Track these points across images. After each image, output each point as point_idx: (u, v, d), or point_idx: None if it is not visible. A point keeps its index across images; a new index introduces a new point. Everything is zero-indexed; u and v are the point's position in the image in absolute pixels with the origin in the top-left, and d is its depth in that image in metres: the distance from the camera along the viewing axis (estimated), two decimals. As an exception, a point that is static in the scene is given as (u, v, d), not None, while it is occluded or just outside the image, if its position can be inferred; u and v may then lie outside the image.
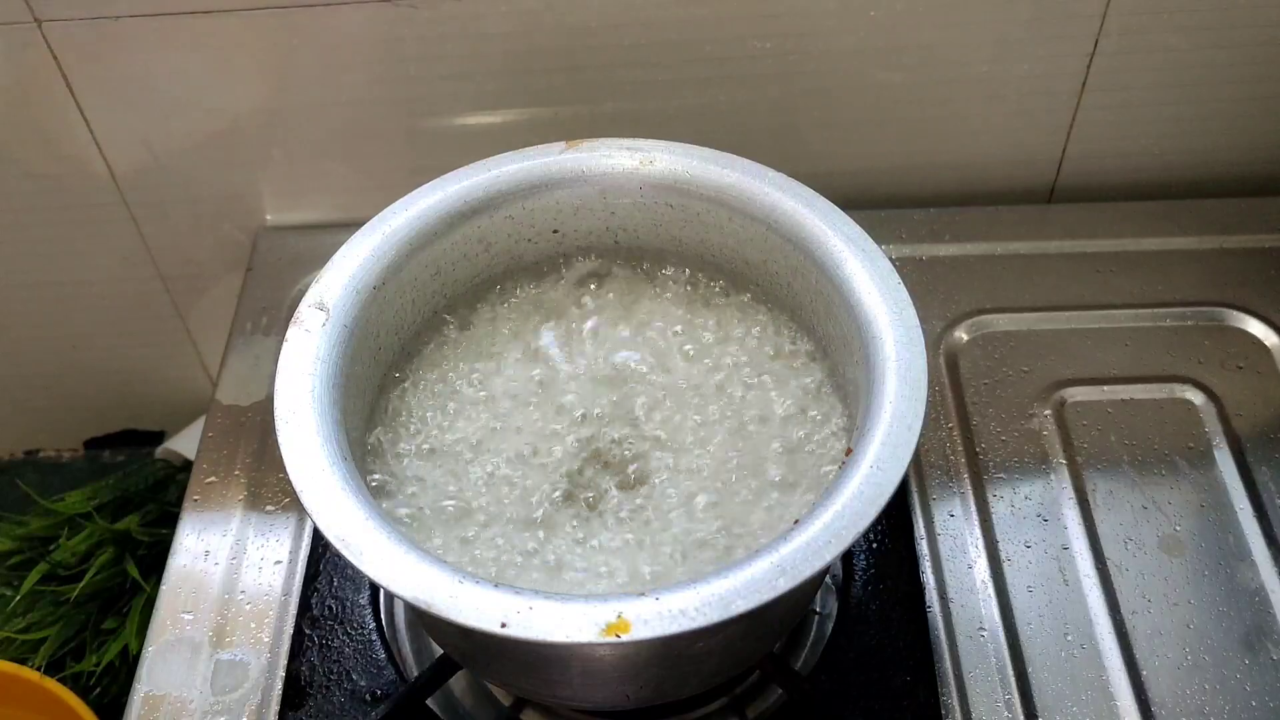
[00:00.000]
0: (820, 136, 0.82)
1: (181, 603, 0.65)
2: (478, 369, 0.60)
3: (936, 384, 0.73)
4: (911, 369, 0.51)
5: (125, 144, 0.80)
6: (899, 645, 0.63)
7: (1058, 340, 0.75)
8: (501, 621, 0.44)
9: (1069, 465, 0.69)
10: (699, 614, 0.44)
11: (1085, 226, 0.82)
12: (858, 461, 0.48)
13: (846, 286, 0.55)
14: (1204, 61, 0.78)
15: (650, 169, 0.60)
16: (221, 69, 0.76)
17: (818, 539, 0.46)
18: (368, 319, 0.56)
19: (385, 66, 0.77)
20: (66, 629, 0.83)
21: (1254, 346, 0.75)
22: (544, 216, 0.61)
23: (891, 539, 0.67)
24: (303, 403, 0.51)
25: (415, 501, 0.55)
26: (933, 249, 0.81)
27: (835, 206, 0.57)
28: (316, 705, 0.61)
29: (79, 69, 0.76)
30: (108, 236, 0.86)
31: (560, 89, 0.78)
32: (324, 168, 0.83)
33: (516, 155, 0.61)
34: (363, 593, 0.66)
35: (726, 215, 0.60)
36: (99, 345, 0.95)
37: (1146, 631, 0.62)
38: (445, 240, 0.59)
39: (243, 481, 0.70)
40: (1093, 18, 0.75)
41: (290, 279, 0.82)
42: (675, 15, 0.74)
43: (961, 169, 0.85)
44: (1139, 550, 0.66)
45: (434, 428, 0.58)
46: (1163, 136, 0.83)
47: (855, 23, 0.75)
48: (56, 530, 0.88)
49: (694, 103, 0.79)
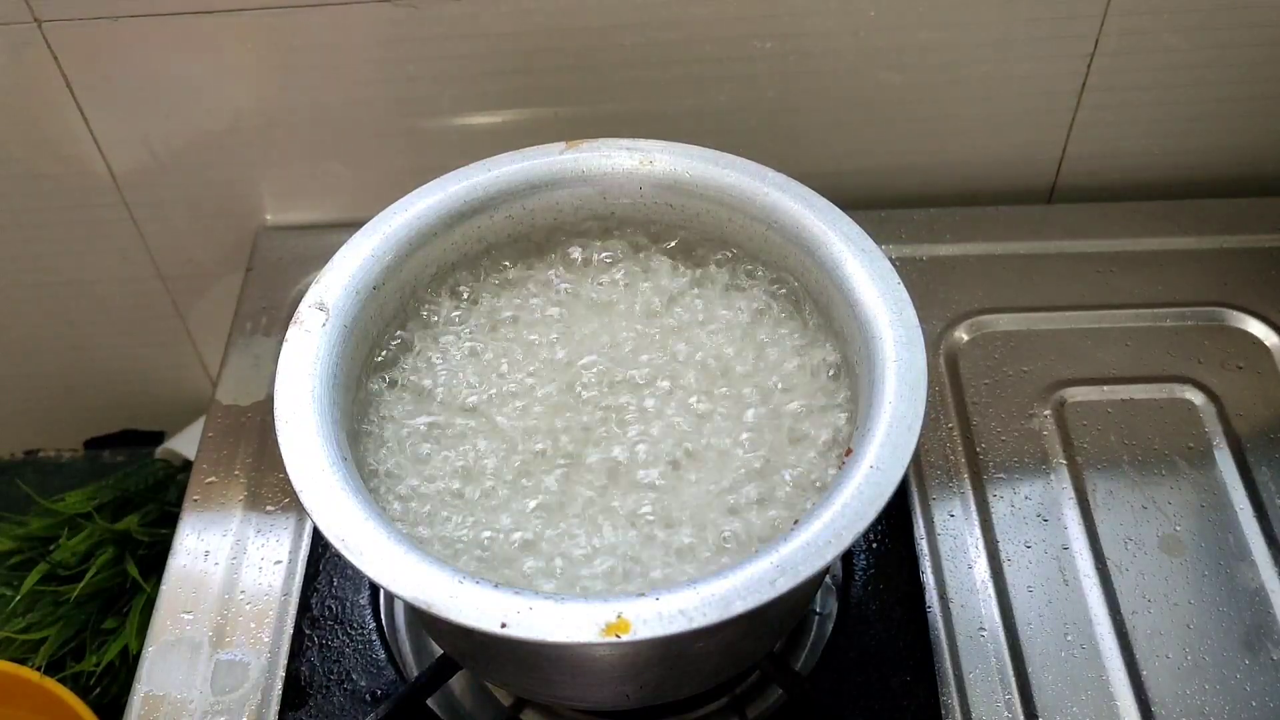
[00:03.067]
0: (820, 137, 0.82)
1: (181, 603, 0.65)
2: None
3: (936, 384, 0.73)
4: (911, 369, 0.51)
5: (125, 144, 0.80)
6: (899, 645, 0.63)
7: (1058, 340, 0.75)
8: (501, 621, 0.44)
9: (1069, 465, 0.69)
10: (699, 614, 0.44)
11: (1085, 226, 0.82)
12: (858, 461, 0.48)
13: (846, 286, 0.55)
14: (1204, 61, 0.78)
15: (650, 169, 0.60)
16: (221, 69, 0.76)
17: (818, 539, 0.46)
18: (368, 319, 0.56)
19: (385, 66, 0.77)
20: (66, 629, 0.83)
21: (1254, 346, 0.75)
22: (544, 216, 0.61)
23: (891, 539, 0.67)
24: (303, 403, 0.51)
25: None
26: (933, 249, 0.81)
27: (835, 206, 0.57)
28: (316, 705, 0.61)
29: (79, 69, 0.76)
30: (108, 236, 0.86)
31: (560, 89, 0.79)
32: (324, 168, 0.83)
33: (516, 155, 0.61)
34: (363, 593, 0.66)
35: (726, 215, 0.60)
36: (99, 345, 0.95)
37: (1146, 631, 0.62)
38: (445, 240, 0.59)
39: (243, 481, 0.71)
40: (1093, 18, 0.75)
41: (290, 279, 0.82)
42: (675, 15, 0.74)
43: (961, 169, 0.85)
44: (1139, 550, 0.66)
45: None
46: (1163, 136, 0.83)
47: (855, 23, 0.75)
48: (56, 530, 0.88)
49: (694, 103, 0.79)
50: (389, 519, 0.49)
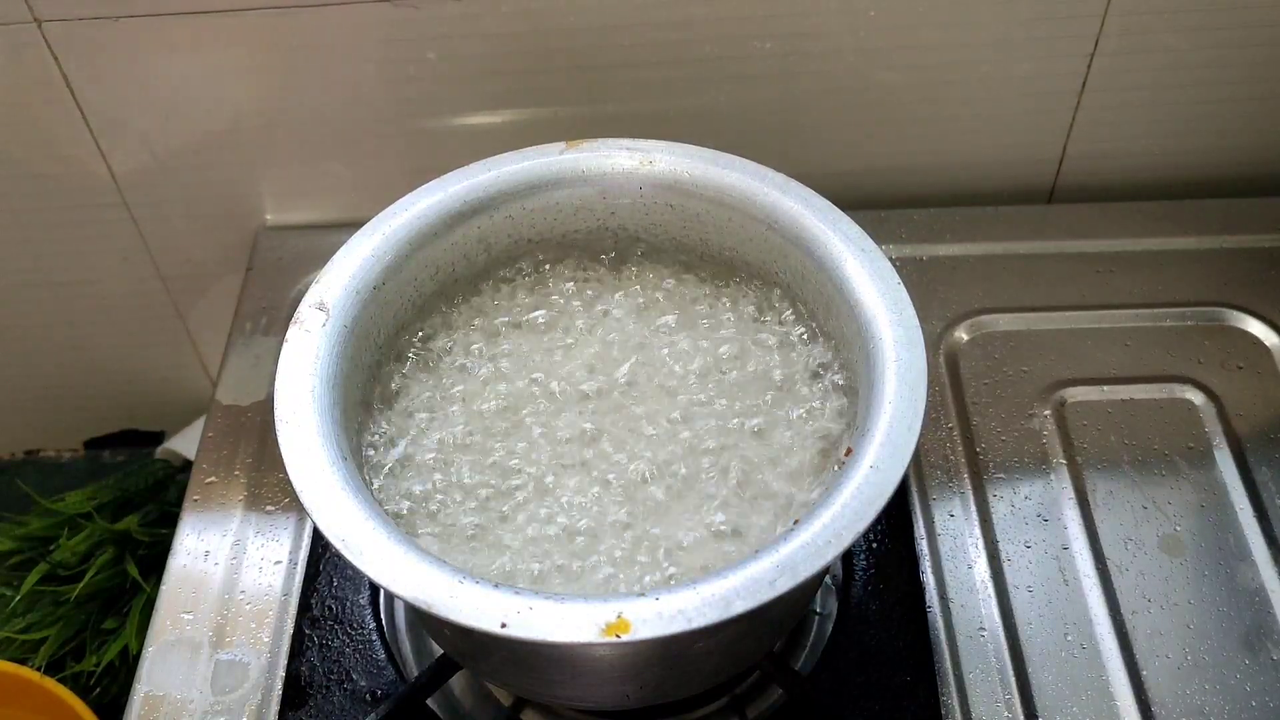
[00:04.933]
0: (820, 136, 0.82)
1: (181, 603, 0.65)
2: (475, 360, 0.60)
3: (936, 384, 0.73)
4: (911, 369, 0.51)
5: (125, 144, 0.80)
6: (899, 645, 0.63)
7: (1058, 340, 0.75)
8: (501, 621, 0.44)
9: (1069, 465, 0.69)
10: (699, 614, 0.44)
11: (1085, 226, 0.82)
12: (858, 461, 0.48)
13: (846, 286, 0.55)
14: (1204, 61, 0.78)
15: (650, 169, 0.60)
16: (221, 69, 0.76)
17: (818, 539, 0.46)
18: (368, 319, 0.56)
19: (385, 66, 0.77)
20: (66, 629, 0.83)
21: (1254, 346, 0.75)
22: (544, 216, 0.61)
23: (891, 539, 0.67)
24: (303, 403, 0.51)
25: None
26: (933, 249, 0.81)
27: (835, 206, 0.57)
28: (316, 705, 0.61)
29: (79, 69, 0.76)
30: (108, 236, 0.86)
31: (560, 89, 0.79)
32: (324, 168, 0.83)
33: (516, 155, 0.61)
34: (363, 593, 0.66)
35: (727, 215, 0.60)
36: (99, 345, 0.95)
37: (1146, 631, 0.63)
38: (445, 240, 0.59)
39: (243, 481, 0.71)
40: (1093, 18, 0.75)
41: (290, 279, 0.82)
42: (675, 15, 0.74)
43: (961, 169, 0.85)
44: (1139, 550, 0.66)
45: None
46: (1163, 136, 0.83)
47: (855, 23, 0.75)
48: (56, 530, 0.88)
49: (694, 103, 0.79)
50: (389, 519, 0.49)
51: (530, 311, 0.62)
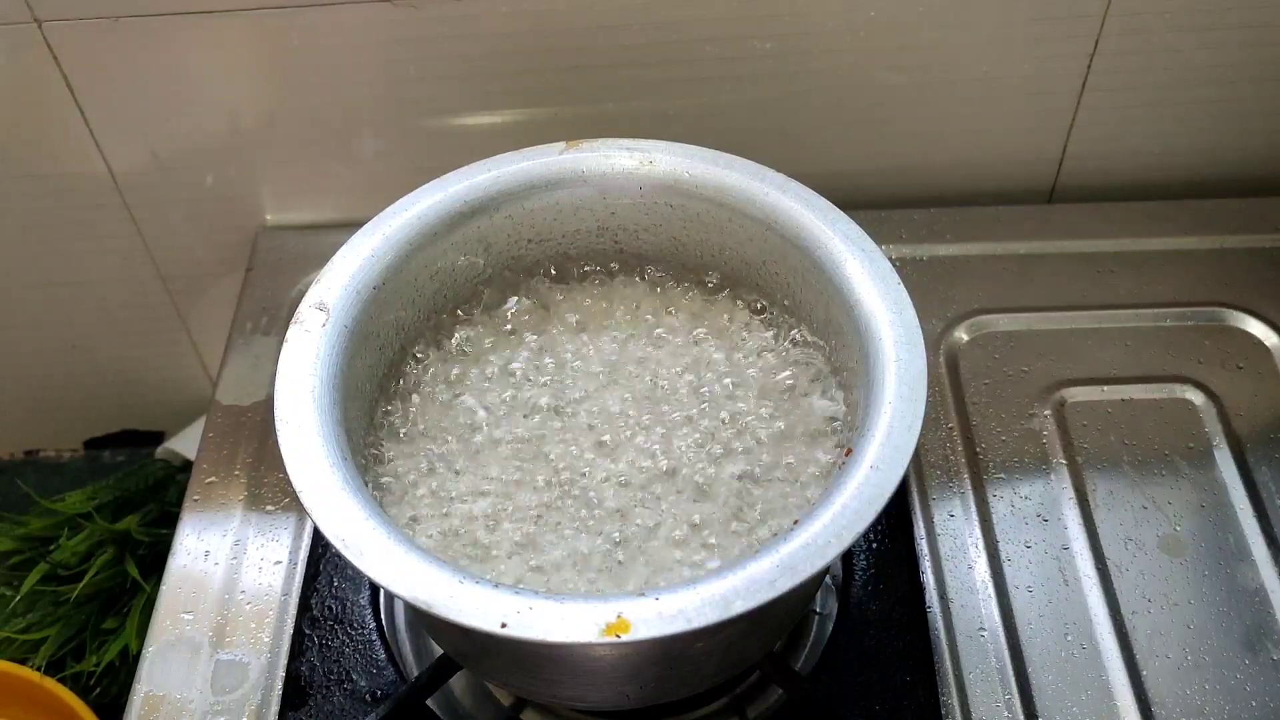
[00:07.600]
0: (820, 137, 0.82)
1: (181, 603, 0.65)
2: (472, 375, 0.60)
3: (936, 384, 0.73)
4: (911, 369, 0.51)
5: (125, 144, 0.80)
6: (899, 645, 0.63)
7: (1058, 340, 0.75)
8: (501, 621, 0.44)
9: (1069, 465, 0.69)
10: (699, 614, 0.44)
11: (1085, 226, 0.82)
12: (858, 461, 0.48)
13: (846, 286, 0.55)
14: (1204, 61, 0.78)
15: (650, 169, 0.60)
16: (221, 69, 0.76)
17: (818, 539, 0.46)
18: (368, 319, 0.56)
19: (385, 66, 0.77)
20: (66, 629, 0.83)
21: (1254, 346, 0.75)
22: (544, 217, 0.61)
23: (891, 539, 0.67)
24: (303, 403, 0.51)
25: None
26: (933, 249, 0.81)
27: (835, 206, 0.57)
28: (316, 705, 0.61)
29: (79, 69, 0.76)
30: (108, 236, 0.86)
31: (560, 89, 0.78)
32: (324, 168, 0.83)
33: (516, 155, 0.61)
34: (363, 593, 0.66)
35: (727, 216, 0.60)
36: (99, 345, 0.95)
37: (1146, 631, 0.62)
38: (445, 240, 0.59)
39: (243, 481, 0.70)
40: (1093, 18, 0.75)
41: (290, 279, 0.81)
42: (675, 15, 0.74)
43: (961, 169, 0.85)
44: (1139, 550, 0.66)
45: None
46: (1163, 136, 0.83)
47: (856, 23, 0.75)
48: (56, 530, 0.88)
49: (694, 103, 0.79)
50: (389, 519, 0.49)
51: (530, 313, 0.62)
